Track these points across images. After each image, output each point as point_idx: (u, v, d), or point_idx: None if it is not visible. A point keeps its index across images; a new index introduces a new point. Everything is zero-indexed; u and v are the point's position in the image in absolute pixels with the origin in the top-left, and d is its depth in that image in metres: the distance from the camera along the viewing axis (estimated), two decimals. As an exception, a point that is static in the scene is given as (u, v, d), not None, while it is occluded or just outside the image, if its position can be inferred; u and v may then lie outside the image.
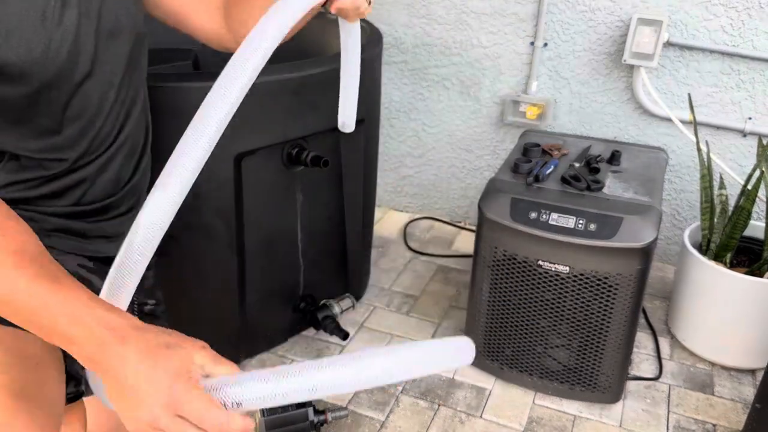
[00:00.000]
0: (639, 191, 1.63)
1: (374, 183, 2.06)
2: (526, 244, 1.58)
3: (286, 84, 1.49)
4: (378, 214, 2.65)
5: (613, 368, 1.65)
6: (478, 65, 2.33)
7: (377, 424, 1.64)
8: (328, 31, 2.09)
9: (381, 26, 2.41)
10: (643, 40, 1.99)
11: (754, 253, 1.91)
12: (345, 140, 1.74)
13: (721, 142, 2.12)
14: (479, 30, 2.29)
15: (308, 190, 1.69)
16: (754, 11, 1.93)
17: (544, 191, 1.62)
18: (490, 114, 2.39)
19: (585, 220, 1.52)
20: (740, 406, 1.73)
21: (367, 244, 2.09)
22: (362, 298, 2.13)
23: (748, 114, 2.05)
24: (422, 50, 2.39)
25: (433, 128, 2.51)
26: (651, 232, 1.50)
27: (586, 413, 1.69)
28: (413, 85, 2.47)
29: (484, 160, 2.49)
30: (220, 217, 1.56)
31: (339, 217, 1.86)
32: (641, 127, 2.20)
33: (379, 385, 0.65)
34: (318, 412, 1.55)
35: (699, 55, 2.04)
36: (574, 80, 2.22)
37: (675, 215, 2.28)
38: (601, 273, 1.54)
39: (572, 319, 1.62)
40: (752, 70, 2.00)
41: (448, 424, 1.65)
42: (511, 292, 1.66)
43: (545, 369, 1.71)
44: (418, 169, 2.62)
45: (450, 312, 2.08)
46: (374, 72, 1.81)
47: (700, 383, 1.80)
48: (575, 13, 2.14)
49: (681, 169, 2.20)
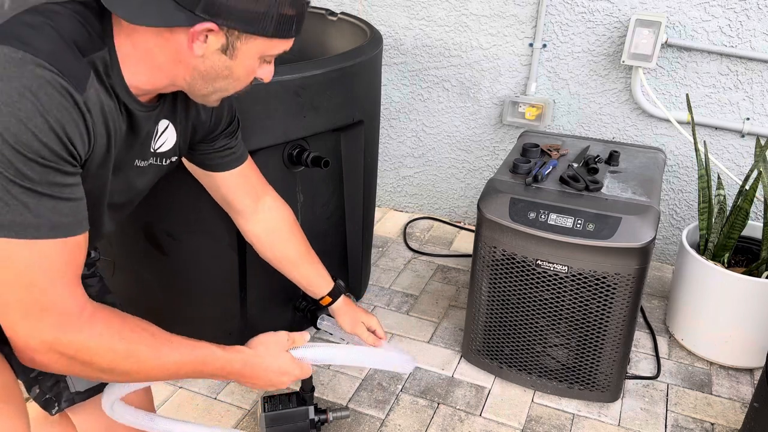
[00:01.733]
0: (637, 191, 1.64)
1: (374, 183, 2.07)
2: (525, 244, 1.59)
3: (286, 85, 1.50)
4: (378, 214, 2.66)
5: (612, 367, 1.66)
6: (478, 66, 2.35)
7: (377, 422, 1.65)
8: (329, 31, 2.10)
9: (381, 28, 2.42)
10: (642, 41, 2.00)
11: (752, 253, 1.92)
12: (345, 141, 1.75)
13: (719, 142, 2.13)
14: (479, 32, 2.30)
15: (309, 190, 1.70)
16: (752, 12, 1.94)
17: (543, 191, 1.63)
18: (490, 115, 2.40)
19: (583, 220, 1.53)
20: (738, 405, 1.73)
21: (367, 244, 2.09)
22: (362, 297, 2.14)
23: (746, 114, 2.06)
24: (422, 52, 2.41)
25: (433, 129, 2.52)
26: (649, 232, 1.51)
27: (584, 412, 1.70)
28: (413, 86, 2.48)
29: (484, 161, 2.50)
30: (221, 216, 1.57)
31: (339, 217, 1.86)
32: (640, 127, 2.21)
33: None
34: (319, 411, 1.55)
35: (697, 56, 2.05)
36: (573, 81, 2.23)
37: (673, 215, 2.29)
38: (599, 273, 1.55)
39: (571, 318, 1.63)
40: (750, 70, 2.01)
41: (447, 422, 1.66)
42: (510, 292, 1.67)
43: (544, 368, 1.72)
44: (418, 169, 2.63)
45: (449, 311, 2.09)
46: (374, 73, 1.82)
47: (698, 382, 1.81)
48: (574, 15, 2.15)
49: (679, 169, 2.21)
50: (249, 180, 1.33)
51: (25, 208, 0.78)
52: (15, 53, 0.76)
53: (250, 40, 0.93)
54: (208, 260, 1.64)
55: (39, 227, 0.79)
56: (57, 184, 0.81)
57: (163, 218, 1.60)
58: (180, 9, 0.87)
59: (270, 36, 0.94)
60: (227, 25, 0.90)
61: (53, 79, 0.78)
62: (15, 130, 0.75)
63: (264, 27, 0.93)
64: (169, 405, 1.68)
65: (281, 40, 0.97)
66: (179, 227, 1.60)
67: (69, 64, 0.81)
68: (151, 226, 1.61)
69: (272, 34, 0.94)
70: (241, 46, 0.94)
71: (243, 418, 1.65)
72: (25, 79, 0.76)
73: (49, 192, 0.80)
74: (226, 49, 0.93)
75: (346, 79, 1.65)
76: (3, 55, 0.76)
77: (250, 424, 1.64)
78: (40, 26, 0.82)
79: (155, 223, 1.61)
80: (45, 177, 0.79)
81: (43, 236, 0.80)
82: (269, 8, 0.91)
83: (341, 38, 2.03)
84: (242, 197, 1.34)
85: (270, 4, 0.91)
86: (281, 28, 0.94)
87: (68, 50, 0.82)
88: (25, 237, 0.79)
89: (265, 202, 1.38)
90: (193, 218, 1.57)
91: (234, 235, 1.61)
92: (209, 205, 1.40)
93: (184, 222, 1.59)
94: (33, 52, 0.78)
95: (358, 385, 1.77)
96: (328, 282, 1.47)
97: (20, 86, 0.75)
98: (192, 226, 1.59)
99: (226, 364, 1.07)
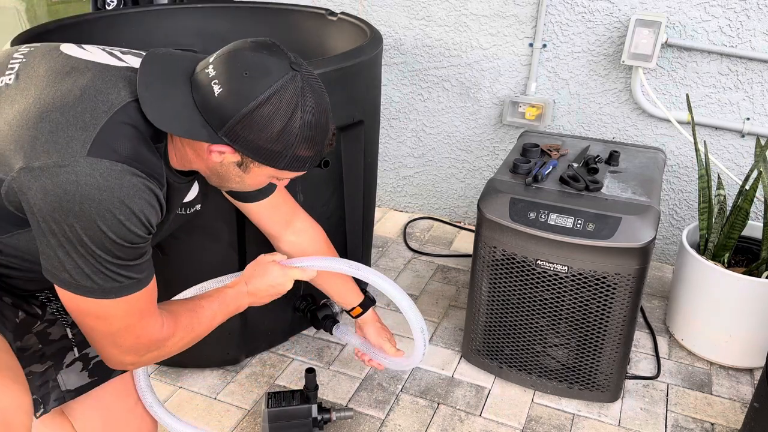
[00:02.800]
0: (637, 191, 1.64)
1: (374, 183, 2.07)
2: (525, 244, 1.59)
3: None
4: (378, 214, 2.66)
5: (612, 367, 1.66)
6: (478, 66, 2.35)
7: (377, 422, 1.65)
8: (329, 32, 2.11)
9: (381, 28, 2.42)
10: (642, 41, 2.00)
11: (752, 253, 1.92)
12: (345, 141, 1.75)
13: (719, 142, 2.13)
14: (478, 32, 2.30)
15: (309, 190, 1.70)
16: (752, 12, 1.94)
17: (543, 191, 1.62)
18: (490, 115, 2.40)
19: (583, 220, 1.53)
20: (738, 405, 1.73)
21: (367, 244, 2.09)
22: (362, 297, 2.14)
23: (747, 114, 2.06)
24: (422, 52, 2.41)
25: (433, 129, 2.52)
26: (649, 232, 1.51)
27: (584, 412, 1.70)
28: (413, 86, 2.48)
29: (484, 161, 2.50)
30: (222, 216, 1.57)
31: (339, 217, 1.86)
32: (640, 127, 2.21)
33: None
34: (323, 410, 1.55)
35: (697, 56, 2.05)
36: (573, 81, 2.23)
37: (673, 215, 2.29)
38: (599, 273, 1.55)
39: (571, 318, 1.63)
40: (750, 70, 2.01)
41: (447, 422, 1.66)
42: (510, 292, 1.67)
43: (544, 368, 1.72)
44: (418, 169, 2.63)
45: (449, 311, 2.09)
46: (374, 73, 1.82)
47: (698, 382, 1.81)
48: (574, 15, 2.15)
49: (679, 169, 2.21)
50: (278, 209, 1.41)
51: (122, 277, 0.98)
52: (114, 166, 0.93)
53: (263, 166, 1.05)
54: (207, 260, 1.64)
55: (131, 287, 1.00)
56: (141, 255, 1.01)
57: (163, 218, 1.60)
58: (205, 125, 0.99)
59: (281, 169, 1.06)
60: (243, 152, 1.02)
61: (144, 184, 0.96)
62: (117, 229, 0.94)
63: (277, 162, 1.04)
64: (169, 405, 1.68)
65: (293, 172, 1.09)
66: (179, 227, 1.60)
67: (151, 163, 0.98)
68: (151, 226, 1.61)
69: (284, 168, 1.06)
70: (254, 168, 1.06)
71: (243, 418, 1.65)
72: (125, 188, 0.93)
73: (137, 262, 1.00)
74: (240, 164, 1.05)
75: (346, 79, 1.65)
76: (105, 169, 0.92)
77: (250, 424, 1.64)
78: (127, 130, 0.97)
79: (155, 223, 1.61)
80: (135, 254, 0.99)
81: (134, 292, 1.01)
82: (285, 149, 1.02)
83: (341, 38, 2.03)
84: (273, 223, 1.42)
85: (287, 146, 1.02)
86: (294, 164, 1.06)
87: (147, 147, 0.99)
88: (122, 296, 1.00)
89: (295, 226, 1.44)
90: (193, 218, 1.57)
91: (234, 235, 1.61)
92: (209, 205, 1.39)
93: (184, 222, 1.58)
94: (127, 162, 0.94)
95: (358, 385, 1.77)
96: (358, 294, 1.54)
97: (122, 195, 0.93)
98: (192, 226, 1.59)
99: (238, 295, 1.26)
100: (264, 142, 1.00)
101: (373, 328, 1.54)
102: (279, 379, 1.79)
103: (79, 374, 1.22)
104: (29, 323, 1.16)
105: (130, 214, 0.94)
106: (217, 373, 1.80)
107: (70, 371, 1.21)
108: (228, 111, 0.97)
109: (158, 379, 1.76)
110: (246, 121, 0.98)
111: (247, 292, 1.28)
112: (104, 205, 0.92)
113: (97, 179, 0.91)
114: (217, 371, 1.81)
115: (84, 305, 0.98)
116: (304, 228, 1.46)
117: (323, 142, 1.07)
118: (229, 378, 1.78)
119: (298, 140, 1.02)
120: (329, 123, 1.07)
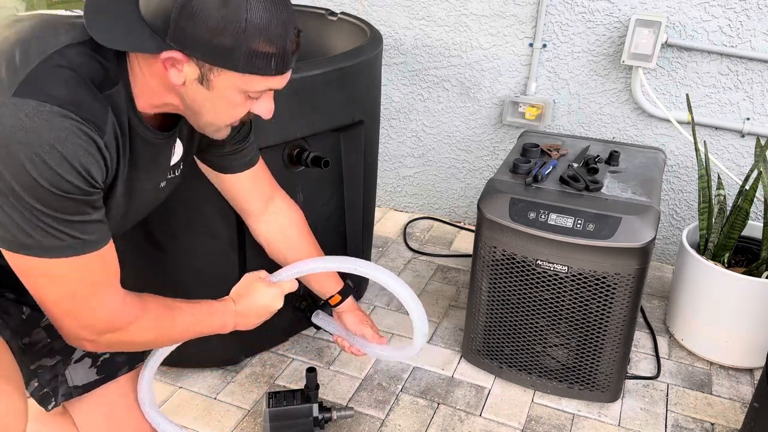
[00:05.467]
0: (637, 191, 1.64)
1: (374, 183, 2.07)
2: (525, 244, 1.59)
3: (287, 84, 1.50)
4: (378, 214, 2.66)
5: (612, 367, 1.66)
6: (478, 66, 2.35)
7: (377, 422, 1.65)
8: (329, 32, 2.11)
9: (381, 28, 2.42)
10: (642, 41, 2.00)
11: (752, 253, 1.92)
12: (345, 141, 1.75)
13: (719, 142, 2.13)
14: (478, 32, 2.30)
15: (309, 190, 1.70)
16: (753, 12, 1.94)
17: (543, 191, 1.63)
18: (490, 115, 2.40)
19: (583, 220, 1.53)
20: (738, 405, 1.73)
21: (367, 244, 2.09)
22: (362, 297, 2.14)
23: (747, 114, 2.06)
24: (422, 52, 2.41)
25: (433, 129, 2.52)
26: (649, 232, 1.51)
27: (584, 412, 1.70)
28: (413, 86, 2.48)
29: (484, 161, 2.50)
30: (221, 215, 1.57)
31: (339, 217, 1.86)
32: (640, 127, 2.21)
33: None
34: (323, 410, 1.55)
35: (697, 56, 2.05)
36: (573, 81, 2.23)
37: (673, 215, 2.29)
38: (599, 272, 1.55)
39: (571, 318, 1.63)
40: (750, 70, 2.01)
41: (447, 422, 1.66)
42: (510, 292, 1.67)
43: (544, 368, 1.72)
44: (418, 169, 2.63)
45: (449, 311, 2.09)
46: (374, 73, 1.82)
47: (698, 382, 1.81)
48: (574, 15, 2.15)
49: (679, 169, 2.21)
50: (259, 182, 1.35)
51: (64, 234, 0.91)
52: (42, 107, 0.85)
53: (222, 73, 0.94)
54: (207, 258, 1.64)
55: (75, 247, 0.93)
56: (85, 212, 0.93)
57: (162, 216, 1.59)
58: (153, 37, 0.91)
59: (242, 71, 0.94)
60: (195, 56, 0.92)
61: (78, 128, 0.88)
62: (48, 175, 0.86)
63: (234, 62, 0.93)
64: (169, 405, 1.68)
65: (259, 76, 0.96)
66: (178, 225, 1.60)
67: (90, 108, 0.90)
68: (150, 223, 1.61)
69: (244, 70, 0.94)
70: (215, 78, 0.95)
71: (243, 418, 1.65)
72: (54, 131, 0.86)
73: (80, 219, 0.92)
74: (201, 80, 0.95)
75: (346, 79, 1.65)
76: (32, 109, 0.85)
77: (250, 424, 1.64)
78: (62, 73, 0.89)
79: (154, 221, 1.60)
80: (75, 208, 0.91)
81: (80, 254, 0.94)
82: (237, 42, 0.91)
83: (341, 38, 2.03)
84: (252, 199, 1.36)
85: (237, 38, 0.90)
86: (255, 63, 0.93)
87: (88, 92, 0.91)
88: (67, 256, 0.93)
89: (274, 203, 1.39)
90: (192, 216, 1.57)
91: (234, 234, 1.61)
92: (209, 203, 1.40)
93: (184, 220, 1.58)
94: (59, 103, 0.86)
95: (358, 385, 1.77)
96: (338, 281, 1.48)
97: (50, 138, 0.86)
98: (191, 224, 1.59)
99: (225, 311, 1.22)
100: (210, 34, 0.90)
101: (353, 316, 1.47)
102: (279, 379, 1.79)
103: (87, 370, 1.22)
104: (36, 318, 1.15)
105: (61, 160, 0.86)
106: (217, 373, 1.80)
107: (78, 366, 1.21)
108: (167, 6, 0.89)
109: (158, 379, 1.76)
110: (185, 12, 0.89)
111: (235, 311, 1.23)
112: (32, 149, 0.85)
113: (22, 119, 0.84)
114: (217, 371, 1.80)
115: (27, 265, 0.92)
116: (285, 207, 1.41)
117: (284, 35, 0.94)
118: (229, 378, 1.78)
119: (249, 30, 0.90)
120: (288, 12, 0.94)
